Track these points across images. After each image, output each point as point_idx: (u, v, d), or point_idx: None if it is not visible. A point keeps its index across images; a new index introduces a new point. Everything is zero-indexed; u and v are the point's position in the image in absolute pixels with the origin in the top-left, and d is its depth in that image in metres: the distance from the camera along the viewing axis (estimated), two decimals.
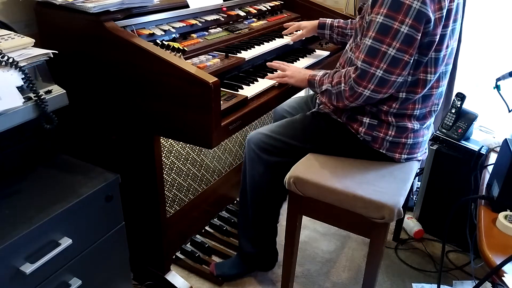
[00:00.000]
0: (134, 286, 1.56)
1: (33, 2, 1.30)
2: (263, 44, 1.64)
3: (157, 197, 1.40)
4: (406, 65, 1.20)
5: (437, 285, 1.52)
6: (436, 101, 1.36)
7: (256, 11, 1.84)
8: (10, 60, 0.96)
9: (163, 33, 1.38)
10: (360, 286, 1.52)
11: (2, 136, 0.98)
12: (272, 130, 1.45)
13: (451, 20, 1.23)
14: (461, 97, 1.80)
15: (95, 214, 1.11)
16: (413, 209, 2.08)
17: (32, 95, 0.99)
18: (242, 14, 1.76)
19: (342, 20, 1.73)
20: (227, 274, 1.65)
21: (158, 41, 1.34)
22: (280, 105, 1.59)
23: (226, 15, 1.67)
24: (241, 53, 1.50)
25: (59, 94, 1.05)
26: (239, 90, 1.35)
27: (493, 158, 1.41)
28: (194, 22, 1.52)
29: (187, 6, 1.50)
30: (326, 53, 1.82)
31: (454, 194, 1.83)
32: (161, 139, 1.38)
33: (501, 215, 1.02)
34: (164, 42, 1.34)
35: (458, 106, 1.81)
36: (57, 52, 1.07)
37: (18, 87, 0.96)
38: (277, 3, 2.00)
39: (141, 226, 1.49)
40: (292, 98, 1.61)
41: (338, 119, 1.41)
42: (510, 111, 1.59)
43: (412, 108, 1.32)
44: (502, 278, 0.84)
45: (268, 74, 1.48)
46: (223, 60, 1.42)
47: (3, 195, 1.04)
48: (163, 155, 1.47)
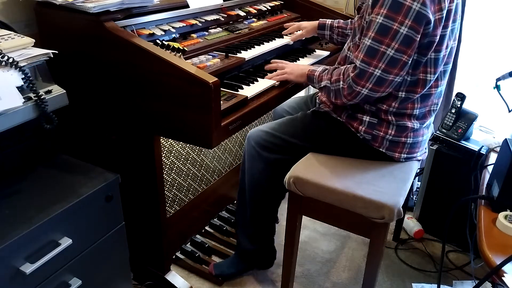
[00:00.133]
0: (134, 286, 1.56)
1: (33, 2, 1.30)
2: (263, 44, 1.64)
3: (157, 197, 1.40)
4: (404, 65, 1.21)
5: (437, 285, 1.52)
6: (435, 100, 1.36)
7: (256, 11, 1.84)
8: (10, 60, 0.96)
9: (163, 33, 1.38)
10: (360, 286, 1.52)
11: (2, 136, 0.98)
12: (272, 127, 1.45)
13: (451, 20, 1.23)
14: (461, 97, 1.80)
15: (95, 214, 1.11)
16: (413, 209, 2.08)
17: (32, 95, 0.99)
18: (242, 14, 1.76)
19: (342, 20, 1.73)
20: (226, 273, 1.65)
21: (158, 41, 1.34)
22: (280, 105, 1.59)
23: (226, 15, 1.67)
24: (241, 53, 1.50)
25: (59, 94, 1.05)
26: (239, 90, 1.35)
27: (493, 158, 1.41)
28: (194, 22, 1.52)
29: (187, 6, 1.50)
30: (326, 53, 1.82)
31: (454, 194, 1.83)
32: (161, 139, 1.38)
33: (501, 215, 1.02)
34: (164, 42, 1.34)
35: (458, 106, 1.81)
36: (57, 52, 1.07)
37: (18, 87, 0.96)
38: (277, 3, 2.00)
39: (141, 226, 1.49)
40: (291, 98, 1.61)
41: (338, 118, 1.41)
42: (510, 111, 1.58)
43: (411, 107, 1.32)
44: (502, 278, 0.84)
45: (268, 74, 1.49)
46: (223, 60, 1.42)
47: (3, 195, 1.04)
48: (163, 155, 1.47)
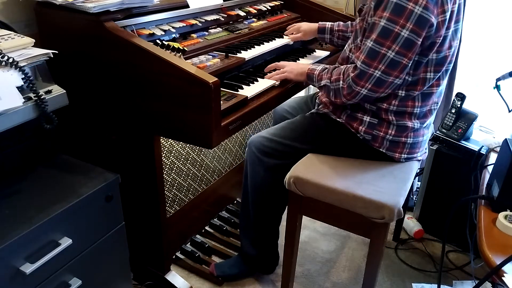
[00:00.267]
0: (134, 286, 1.56)
1: (33, 2, 1.30)
2: (263, 44, 1.64)
3: (157, 197, 1.40)
4: (404, 68, 1.21)
5: (437, 285, 1.52)
6: (436, 99, 1.36)
7: (256, 11, 1.84)
8: (10, 60, 0.96)
9: (163, 33, 1.38)
10: (360, 286, 1.52)
11: (2, 136, 0.98)
12: (272, 133, 1.45)
13: (453, 21, 1.23)
14: (461, 97, 1.80)
15: (95, 214, 1.11)
16: (413, 209, 2.08)
17: (32, 95, 0.99)
18: (242, 14, 1.76)
19: (341, 23, 1.72)
20: (228, 273, 1.64)
21: (158, 41, 1.34)
22: (280, 105, 1.59)
23: (226, 15, 1.67)
24: (241, 53, 1.50)
25: (59, 94, 1.05)
26: (239, 90, 1.35)
27: (493, 158, 1.41)
28: (194, 22, 1.52)
29: (187, 6, 1.50)
30: (326, 53, 1.82)
31: (454, 194, 1.83)
32: (161, 139, 1.38)
33: (501, 215, 1.02)
34: (164, 42, 1.34)
35: (458, 106, 1.81)
36: (57, 52, 1.07)
37: (18, 87, 0.96)
38: (277, 3, 2.00)
39: (141, 226, 1.49)
40: (292, 98, 1.61)
41: (338, 119, 1.41)
42: (510, 111, 1.58)
43: (412, 105, 1.32)
44: (502, 278, 0.84)
45: (268, 74, 1.49)
46: (223, 60, 1.42)
47: (3, 195, 1.04)
48: (163, 155, 1.47)
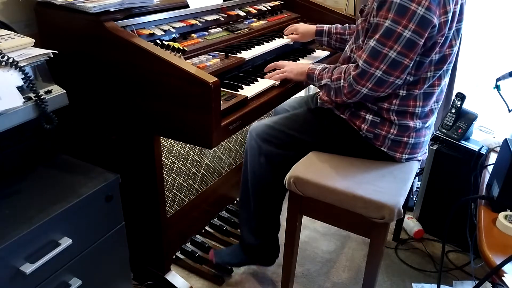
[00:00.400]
0: (134, 286, 1.56)
1: (33, 2, 1.30)
2: (263, 44, 1.64)
3: (157, 197, 1.40)
4: (406, 68, 1.22)
5: (437, 285, 1.52)
6: (436, 98, 1.37)
7: (256, 11, 1.84)
8: (10, 60, 0.96)
9: (163, 33, 1.38)
10: (360, 286, 1.52)
11: (2, 136, 0.98)
12: (275, 121, 1.45)
13: (455, 21, 1.24)
14: (461, 97, 1.80)
15: (95, 214, 1.11)
16: (413, 209, 2.08)
17: (32, 95, 0.99)
18: (242, 14, 1.76)
19: (339, 25, 1.72)
20: (226, 261, 1.63)
21: (158, 41, 1.34)
22: (280, 104, 1.59)
23: (226, 15, 1.67)
24: (241, 53, 1.50)
25: (59, 94, 1.05)
26: (239, 90, 1.35)
27: (493, 158, 1.41)
28: (194, 22, 1.52)
29: (187, 6, 1.50)
30: (326, 53, 1.82)
31: (454, 194, 1.83)
32: (161, 139, 1.38)
33: (501, 215, 1.02)
34: (164, 42, 1.34)
35: (458, 106, 1.81)
36: (57, 52, 1.07)
37: (18, 87, 0.96)
38: (277, 3, 2.00)
39: (141, 226, 1.49)
40: (292, 98, 1.61)
41: (341, 115, 1.41)
42: (510, 111, 1.59)
43: (413, 105, 1.32)
44: (502, 278, 0.84)
45: (267, 74, 1.48)
46: (223, 60, 1.42)
47: (3, 195, 1.04)
48: (163, 155, 1.47)
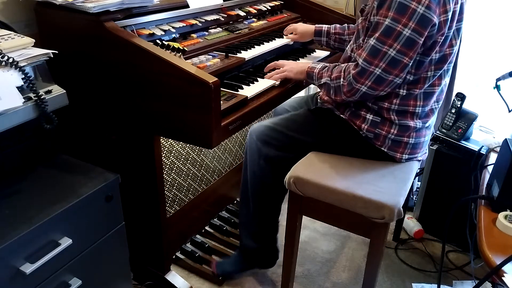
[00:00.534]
0: (134, 286, 1.56)
1: (33, 2, 1.30)
2: (263, 44, 1.64)
3: (157, 197, 1.40)
4: (405, 67, 1.22)
5: (437, 285, 1.52)
6: (437, 98, 1.37)
7: (256, 11, 1.84)
8: (10, 60, 0.96)
9: (163, 33, 1.38)
10: (360, 286, 1.52)
11: (2, 136, 0.98)
12: (275, 122, 1.45)
13: (456, 21, 1.24)
14: (461, 97, 1.80)
15: (95, 214, 1.11)
16: (413, 209, 2.08)
17: (32, 95, 0.99)
18: (242, 14, 1.76)
19: (338, 25, 1.72)
20: (228, 271, 1.65)
21: (158, 41, 1.34)
22: (280, 104, 1.59)
23: (226, 15, 1.67)
24: (241, 53, 1.50)
25: (59, 94, 1.05)
26: (239, 90, 1.35)
27: (493, 158, 1.41)
28: (194, 22, 1.52)
29: (187, 6, 1.50)
30: (326, 53, 1.82)
31: (454, 194, 1.83)
32: (161, 139, 1.38)
33: (501, 215, 1.02)
34: (164, 42, 1.34)
35: (458, 106, 1.81)
36: (57, 52, 1.07)
37: (18, 87, 0.96)
38: (277, 3, 2.00)
39: (141, 226, 1.49)
40: (292, 98, 1.61)
41: (341, 115, 1.41)
42: (510, 111, 1.58)
43: (413, 105, 1.32)
44: (502, 278, 0.84)
45: (267, 73, 1.48)
46: (223, 60, 1.42)
47: (3, 195, 1.04)
48: (163, 155, 1.47)
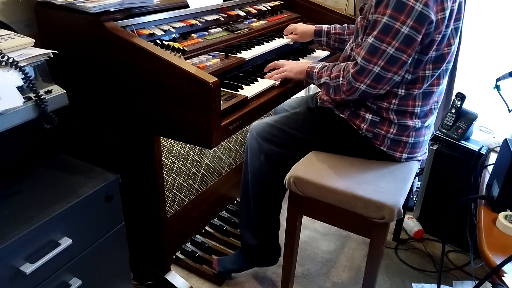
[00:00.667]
0: (134, 286, 1.56)
1: (33, 2, 1.30)
2: (263, 44, 1.64)
3: (157, 197, 1.40)
4: (404, 64, 1.22)
5: (437, 285, 1.52)
6: (436, 98, 1.37)
7: (256, 11, 1.84)
8: (10, 60, 0.96)
9: (163, 33, 1.38)
10: (360, 286, 1.52)
11: (2, 136, 0.98)
12: (275, 120, 1.46)
13: (453, 19, 1.24)
14: (461, 97, 1.80)
15: (95, 214, 1.11)
16: (413, 209, 2.08)
17: (32, 95, 0.99)
18: (242, 14, 1.76)
19: (338, 25, 1.72)
20: (229, 269, 1.64)
21: (158, 41, 1.34)
22: (280, 104, 1.59)
23: (226, 15, 1.67)
24: (241, 53, 1.50)
25: (59, 94, 1.05)
26: (239, 90, 1.35)
27: (493, 158, 1.41)
28: (194, 22, 1.52)
29: (187, 6, 1.50)
30: (326, 53, 1.82)
31: (454, 194, 1.83)
32: (161, 139, 1.38)
33: (501, 215, 1.02)
34: (164, 42, 1.34)
35: (458, 106, 1.81)
36: (57, 52, 1.07)
37: (18, 87, 0.96)
38: (277, 3, 2.00)
39: (141, 226, 1.49)
40: (292, 98, 1.61)
41: (341, 115, 1.41)
42: (510, 111, 1.59)
43: (412, 105, 1.33)
44: (502, 278, 0.84)
45: (267, 73, 1.48)
46: (223, 60, 1.42)
47: (3, 195, 1.04)
48: (163, 155, 1.47)
